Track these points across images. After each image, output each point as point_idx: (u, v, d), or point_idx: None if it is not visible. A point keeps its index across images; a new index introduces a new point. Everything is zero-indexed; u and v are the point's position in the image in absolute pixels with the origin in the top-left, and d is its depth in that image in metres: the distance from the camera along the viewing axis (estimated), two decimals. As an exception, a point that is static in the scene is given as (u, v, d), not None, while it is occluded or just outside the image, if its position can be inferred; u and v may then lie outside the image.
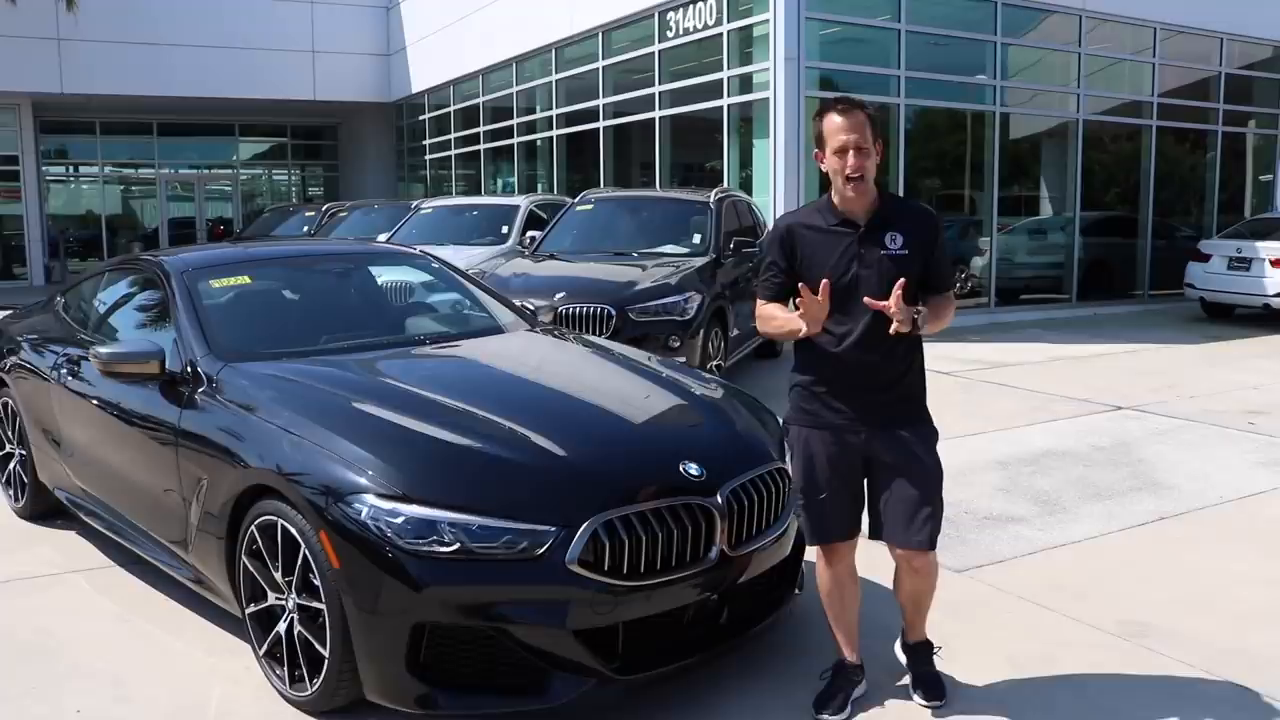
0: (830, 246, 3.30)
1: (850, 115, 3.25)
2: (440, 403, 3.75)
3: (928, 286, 3.40)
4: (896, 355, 3.29)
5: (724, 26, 13.14)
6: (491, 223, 12.31)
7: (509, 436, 3.52)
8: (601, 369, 4.41)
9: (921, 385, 3.45)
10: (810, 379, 3.38)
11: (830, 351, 3.32)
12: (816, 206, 3.42)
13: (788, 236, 3.36)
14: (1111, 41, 15.39)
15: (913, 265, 3.30)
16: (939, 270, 3.42)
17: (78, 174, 29.28)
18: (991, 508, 5.77)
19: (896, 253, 3.28)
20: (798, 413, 3.43)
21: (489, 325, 5.06)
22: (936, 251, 3.39)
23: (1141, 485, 6.19)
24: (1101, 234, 16.02)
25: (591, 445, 3.56)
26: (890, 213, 3.34)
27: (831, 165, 3.28)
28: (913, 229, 3.33)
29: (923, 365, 3.43)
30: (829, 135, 3.27)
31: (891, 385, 3.33)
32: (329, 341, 4.66)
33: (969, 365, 10.38)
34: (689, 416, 3.94)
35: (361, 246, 5.95)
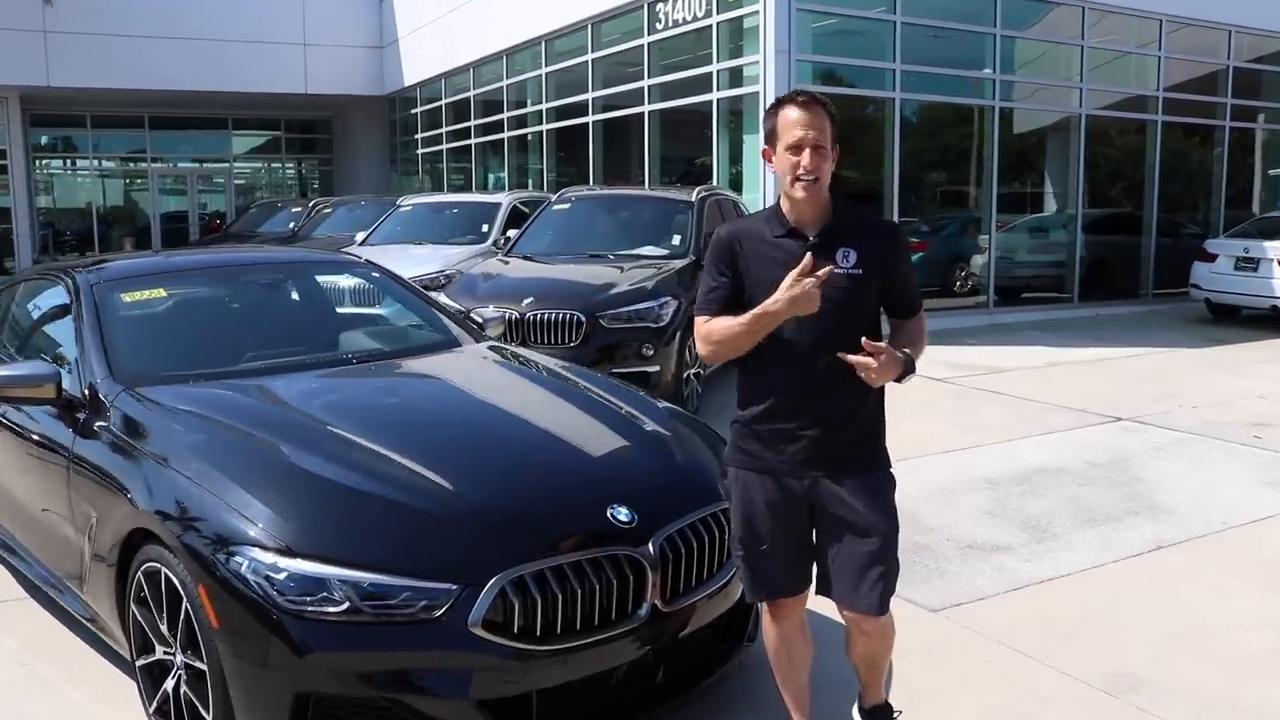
0: (774, 260, 2.87)
1: (811, 110, 2.84)
2: (345, 439, 3.36)
3: (893, 310, 3.02)
4: (851, 388, 2.86)
5: (713, 18, 12.72)
6: (472, 221, 11.93)
7: (413, 480, 3.12)
8: (536, 395, 4.00)
9: (879, 422, 3.04)
10: (750, 414, 2.97)
11: (773, 382, 2.92)
12: (764, 215, 3.01)
13: (730, 246, 2.95)
14: (1116, 34, 14.93)
15: (867, 286, 2.90)
16: (904, 292, 3.01)
17: (69, 168, 28.97)
18: (976, 534, 5.37)
19: (849, 271, 2.87)
20: (736, 453, 3.02)
21: (427, 342, 4.68)
22: (900, 270, 2.98)
23: (1139, 508, 5.79)
24: (1104, 232, 15.57)
25: (507, 488, 3.17)
26: (843, 225, 2.93)
27: (782, 164, 2.86)
28: (869, 245, 2.92)
29: (882, 398, 3.03)
30: (783, 130, 2.85)
31: (844, 423, 2.92)
32: (252, 360, 4.30)
33: (962, 370, 9.97)
34: (625, 452, 3.53)
35: (297, 255, 5.55)
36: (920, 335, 3.03)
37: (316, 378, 4.06)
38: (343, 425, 3.45)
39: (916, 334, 3.02)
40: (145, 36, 21.68)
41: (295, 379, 4.02)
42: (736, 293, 2.92)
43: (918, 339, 3.01)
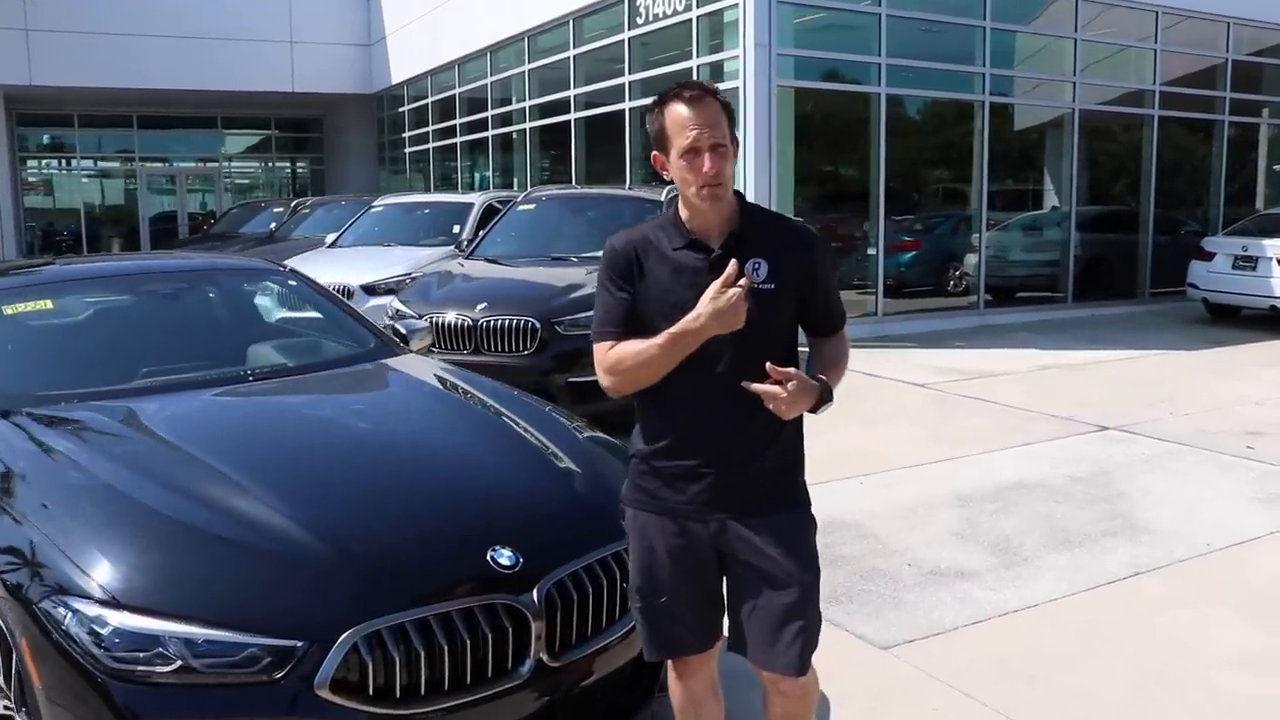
0: (674, 276, 2.51)
1: (701, 104, 2.45)
2: (203, 472, 2.99)
3: (811, 327, 2.66)
4: (763, 417, 2.46)
5: (693, 12, 12.34)
6: (444, 222, 11.57)
7: (269, 521, 2.76)
8: (435, 419, 3.60)
9: (798, 455, 2.67)
10: (648, 449, 2.59)
11: (673, 412, 2.55)
12: (660, 223, 2.62)
13: (629, 257, 2.56)
14: (1112, 27, 14.52)
15: (781, 302, 2.53)
16: (825, 307, 2.64)
17: (57, 168, 28.68)
18: (941, 558, 4.99)
19: (760, 286, 2.49)
20: (633, 492, 2.64)
21: (338, 356, 4.32)
22: (819, 282, 2.61)
23: (1118, 528, 5.41)
24: (1100, 230, 15.16)
25: (375, 530, 2.80)
26: (752, 232, 2.55)
27: (679, 172, 2.49)
28: (782, 254, 2.55)
29: (800, 427, 2.66)
30: (673, 131, 2.47)
31: (754, 457, 2.54)
32: (148, 375, 3.96)
33: (946, 375, 9.58)
34: (520, 486, 3.14)
35: (207, 261, 5.19)
36: (841, 357, 2.67)
37: (202, 399, 3.69)
38: (208, 456, 3.09)
39: (837, 355, 2.66)
40: (128, 34, 21.34)
41: (178, 400, 3.66)
42: (630, 308, 2.53)
43: (838, 360, 2.65)
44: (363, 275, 10.08)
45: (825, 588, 4.62)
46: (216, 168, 28.89)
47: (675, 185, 2.54)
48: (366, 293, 9.82)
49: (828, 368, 2.59)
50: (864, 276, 13.04)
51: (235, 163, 29.95)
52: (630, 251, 2.57)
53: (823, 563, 2.67)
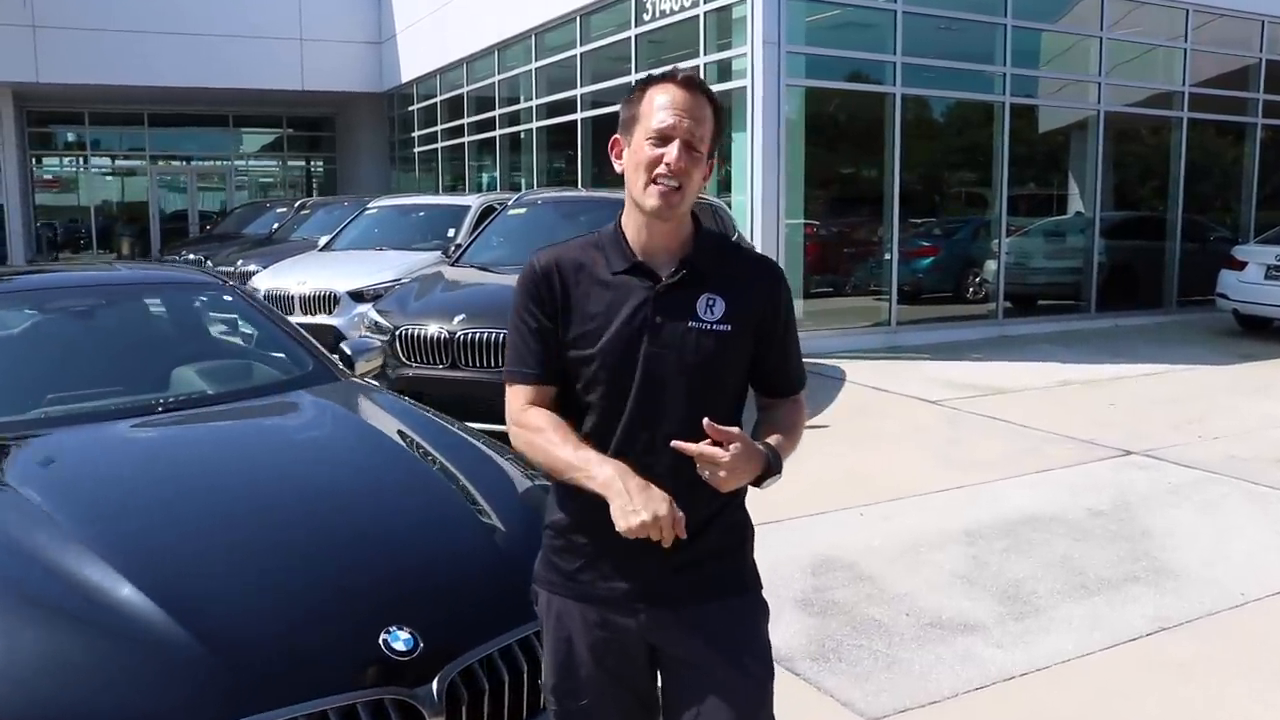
0: (609, 305, 2.05)
1: (694, 95, 2.02)
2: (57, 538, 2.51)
3: (765, 385, 2.20)
4: (704, 485, 1.97)
5: (700, 8, 11.87)
6: (439, 225, 11.14)
7: (121, 599, 2.29)
8: (348, 465, 3.12)
9: (746, 528, 2.19)
10: (565, 520, 2.12)
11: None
12: (598, 240, 2.14)
13: (549, 281, 2.08)
14: (1140, 26, 13.95)
15: (736, 349, 2.08)
16: (784, 361, 2.18)
17: (67, 166, 28.47)
18: (943, 607, 4.51)
19: (713, 327, 2.05)
20: (547, 570, 2.17)
21: (268, 382, 3.88)
22: (780, 330, 2.15)
23: (1141, 572, 4.91)
24: (1125, 236, 14.57)
25: (248, 611, 2.32)
26: (709, 262, 2.09)
27: (637, 159, 2.02)
28: (743, 292, 2.10)
29: (744, 492, 2.19)
30: (649, 111, 2.01)
31: (696, 533, 2.04)
32: (52, 403, 3.54)
33: (960, 391, 9.08)
34: (433, 553, 2.66)
35: (136, 274, 4.74)
36: (796, 425, 2.19)
37: (91, 436, 3.25)
38: (68, 516, 2.63)
39: (791, 423, 2.17)
40: (135, 31, 21.08)
41: (58, 440, 3.23)
42: (556, 349, 2.07)
43: (791, 430, 2.16)
44: (350, 281, 9.66)
45: (812, 640, 4.18)
46: (229, 166, 28.62)
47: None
48: (353, 299, 9.41)
49: (780, 434, 2.11)
50: (877, 283, 12.55)
51: (249, 161, 29.69)
52: (553, 273, 2.09)
53: (812, 609, 2.22)
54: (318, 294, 9.64)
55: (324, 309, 9.56)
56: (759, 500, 2.11)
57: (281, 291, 9.76)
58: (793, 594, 4.50)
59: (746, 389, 2.17)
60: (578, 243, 2.17)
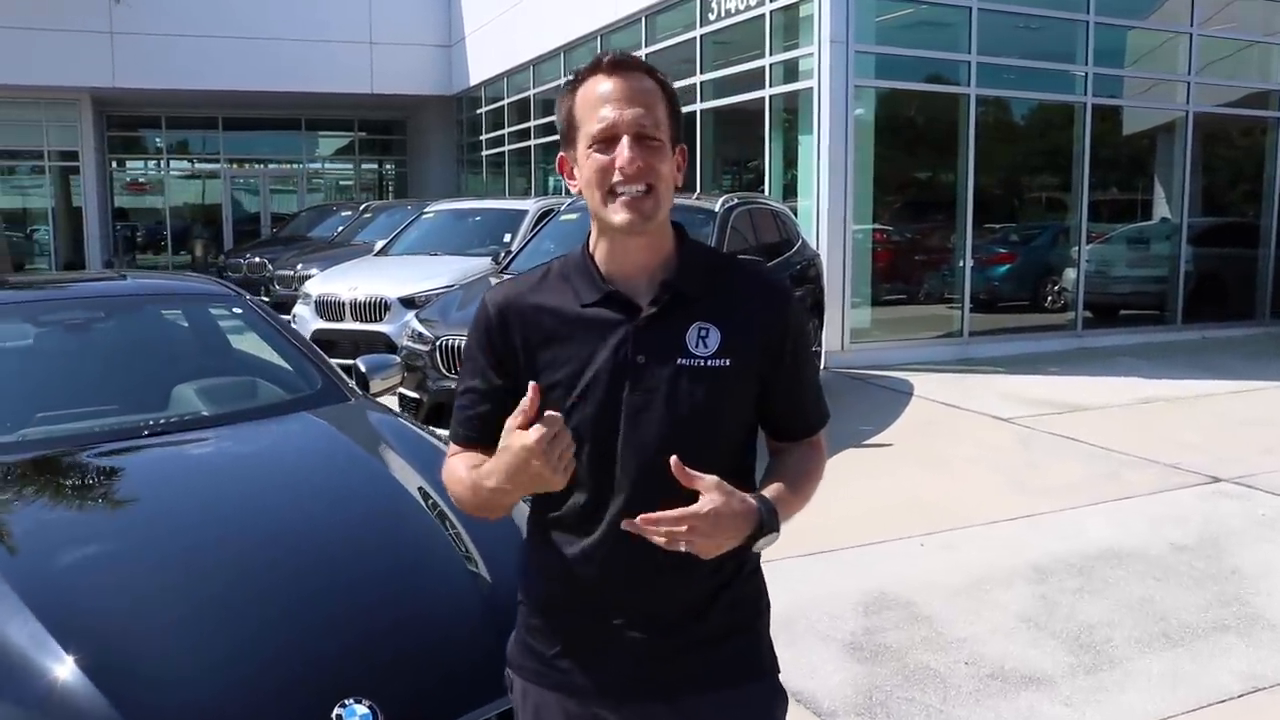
0: (580, 349, 1.71)
1: (626, 77, 1.68)
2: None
3: (777, 427, 1.84)
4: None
5: (767, 7, 11.49)
6: (496, 229, 10.94)
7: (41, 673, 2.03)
8: (331, 503, 2.82)
9: (759, 599, 1.84)
10: (541, 596, 1.81)
11: (576, 546, 1.73)
12: (562, 269, 1.80)
13: (501, 328, 1.76)
14: (1233, 22, 13.23)
15: (736, 388, 1.72)
16: (798, 397, 1.83)
17: (146, 169, 28.94)
18: (1007, 654, 4.11)
19: (707, 363, 1.70)
20: (522, 654, 1.84)
21: (267, 404, 3.62)
22: (789, 361, 1.78)
23: (1231, 620, 4.45)
24: (1214, 244, 13.84)
25: (186, 681, 2.05)
26: (697, 282, 1.74)
27: (586, 174, 1.69)
28: (741, 317, 1.73)
29: (758, 555, 1.81)
30: (583, 113, 1.68)
31: (697, 613, 1.73)
32: (42, 422, 3.33)
33: (1036, 408, 8.58)
34: (402, 606, 2.36)
35: (143, 285, 4.52)
36: (808, 473, 1.82)
37: (64, 464, 3.01)
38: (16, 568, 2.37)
39: (801, 470, 1.80)
40: (207, 36, 21.27)
41: (32, 466, 2.99)
42: (507, 405, 1.66)
43: (801, 478, 1.79)
44: (402, 287, 9.48)
45: (858, 690, 3.80)
46: (302, 169, 28.85)
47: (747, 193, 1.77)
48: (404, 305, 9.22)
49: (785, 484, 1.74)
50: (950, 291, 12.05)
51: (323, 164, 29.92)
52: (504, 318, 1.75)
53: (861, 653, 1.90)
54: (369, 300, 9.47)
55: (375, 316, 9.39)
56: (807, 526, 1.76)
57: (332, 297, 9.62)
58: (841, 635, 4.14)
59: (755, 431, 1.82)
60: (539, 273, 1.82)
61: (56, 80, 21.05)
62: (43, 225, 24.71)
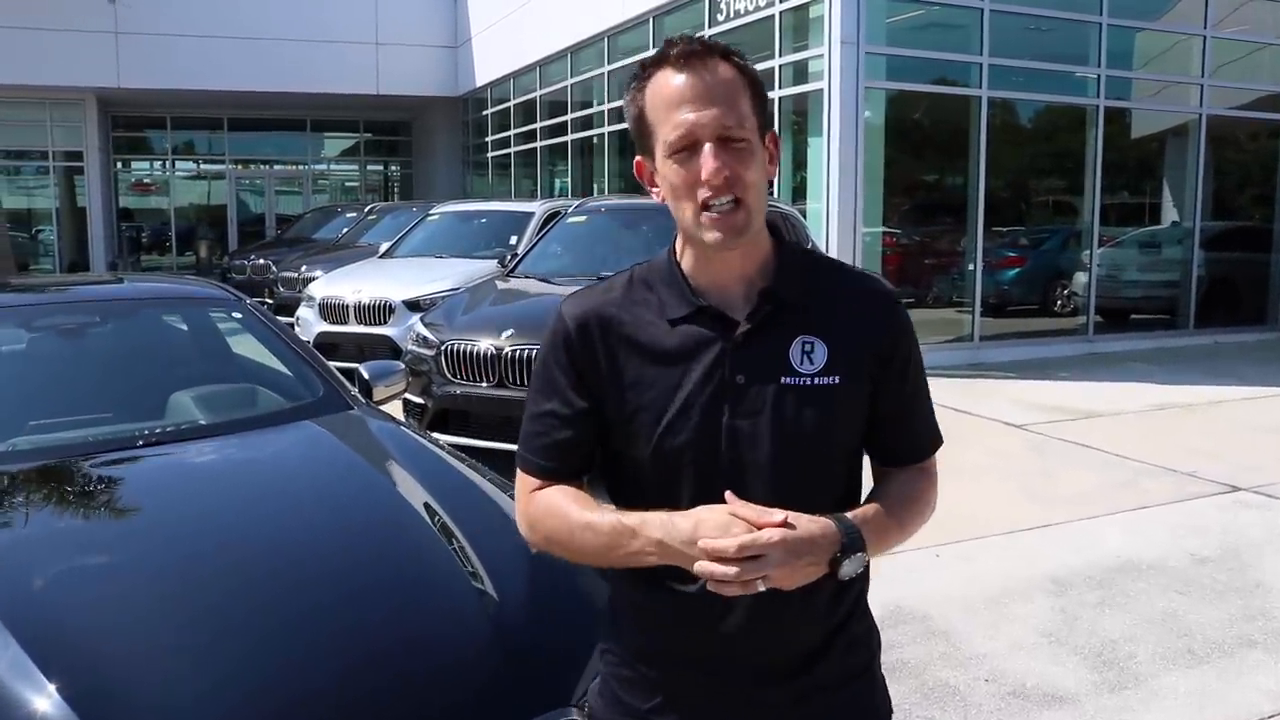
0: (670, 369, 1.53)
1: (702, 69, 1.47)
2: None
3: (885, 449, 1.65)
4: (825, 591, 1.50)
5: (776, 8, 11.40)
6: (501, 232, 10.82)
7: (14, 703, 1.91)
8: (329, 517, 2.70)
9: (870, 641, 1.68)
10: (632, 645, 1.62)
11: (671, 589, 1.53)
12: (644, 276, 1.61)
13: (583, 344, 1.57)
14: (1247, 24, 13.10)
15: (849, 408, 1.56)
16: (907, 419, 1.64)
17: (151, 170, 28.87)
18: (1028, 672, 3.99)
19: (814, 381, 1.52)
20: (611, 708, 1.64)
21: (267, 412, 3.51)
22: (900, 376, 1.60)
23: (1258, 635, 4.33)
24: (1227, 248, 13.71)
25: (171, 707, 1.93)
26: (801, 291, 1.56)
27: (670, 183, 1.50)
28: (849, 328, 1.56)
29: (865, 588, 1.65)
30: (658, 115, 1.49)
31: (814, 657, 1.56)
32: (35, 430, 3.23)
33: (1047, 414, 8.47)
34: (402, 630, 2.24)
35: (141, 288, 4.42)
36: (912, 499, 1.62)
37: (53, 476, 2.90)
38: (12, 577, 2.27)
39: (904, 495, 1.61)
40: (213, 37, 21.20)
41: (20, 477, 2.88)
42: (592, 429, 1.57)
43: (904, 503, 1.60)
44: (406, 290, 9.39)
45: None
46: (307, 170, 28.77)
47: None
48: (409, 309, 9.12)
49: (882, 507, 1.55)
50: (960, 295, 11.93)
51: (329, 166, 29.86)
52: (586, 332, 1.57)
53: None
54: (374, 302, 9.37)
55: (379, 318, 9.29)
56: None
57: (336, 300, 9.52)
58: (857, 651, 4.02)
59: (859, 453, 1.63)
60: (619, 284, 1.63)
61: (62, 80, 20.99)
62: (47, 226, 24.64)
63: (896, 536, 1.56)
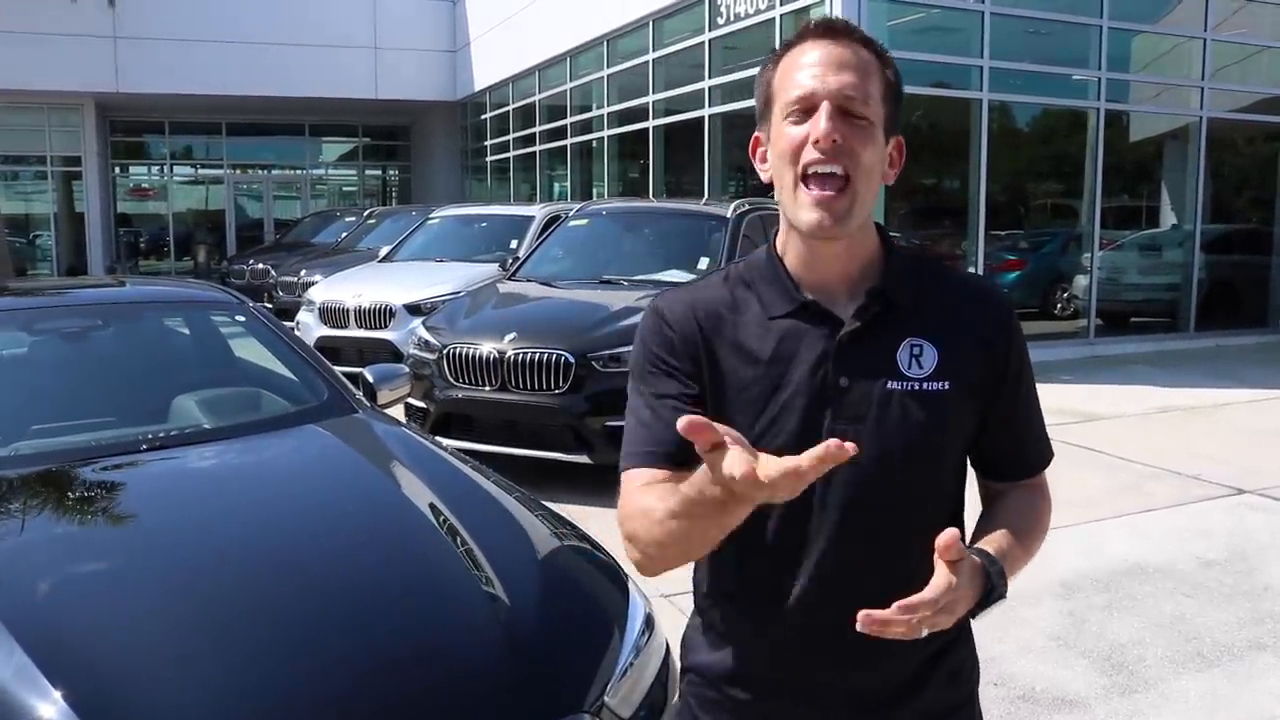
0: (771, 367, 1.46)
1: (839, 43, 1.42)
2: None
3: (995, 463, 1.58)
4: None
5: (776, 11, 11.38)
6: (502, 235, 10.80)
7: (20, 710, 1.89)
8: (335, 522, 2.67)
9: (971, 671, 1.61)
10: (720, 667, 1.54)
11: (765, 612, 1.48)
12: (743, 273, 1.54)
13: (683, 336, 1.48)
14: (1245, 28, 13.10)
15: (958, 416, 1.48)
16: (1020, 430, 1.57)
17: (149, 174, 28.82)
18: (1037, 675, 3.97)
19: (923, 386, 1.45)
20: None
21: (271, 415, 3.48)
22: (1012, 385, 1.54)
23: (1267, 638, 4.31)
24: (1227, 250, 13.72)
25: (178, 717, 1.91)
26: (910, 292, 1.49)
27: (778, 147, 1.42)
28: (960, 333, 1.49)
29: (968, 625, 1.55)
30: (783, 81, 1.43)
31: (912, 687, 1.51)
32: (37, 434, 3.20)
33: (1050, 417, 8.16)
34: (412, 634, 2.21)
35: (145, 291, 4.38)
36: (1038, 525, 1.55)
37: (54, 481, 2.88)
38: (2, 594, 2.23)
39: (1027, 523, 1.53)
40: (211, 41, 21.17)
41: (22, 482, 2.85)
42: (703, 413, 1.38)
43: (1030, 532, 1.52)
44: (407, 293, 9.36)
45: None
46: (306, 175, 28.73)
47: (757, 199, 1.49)
48: (410, 312, 9.09)
49: (1011, 536, 1.47)
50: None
51: (327, 170, 29.81)
52: (693, 325, 1.48)
53: None
54: (374, 306, 9.35)
55: (379, 323, 9.27)
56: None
57: (337, 304, 9.49)
58: (864, 655, 4.00)
59: (965, 465, 1.57)
60: (715, 281, 1.55)
61: (60, 85, 20.97)
62: (45, 231, 24.60)
63: (1023, 565, 1.48)
